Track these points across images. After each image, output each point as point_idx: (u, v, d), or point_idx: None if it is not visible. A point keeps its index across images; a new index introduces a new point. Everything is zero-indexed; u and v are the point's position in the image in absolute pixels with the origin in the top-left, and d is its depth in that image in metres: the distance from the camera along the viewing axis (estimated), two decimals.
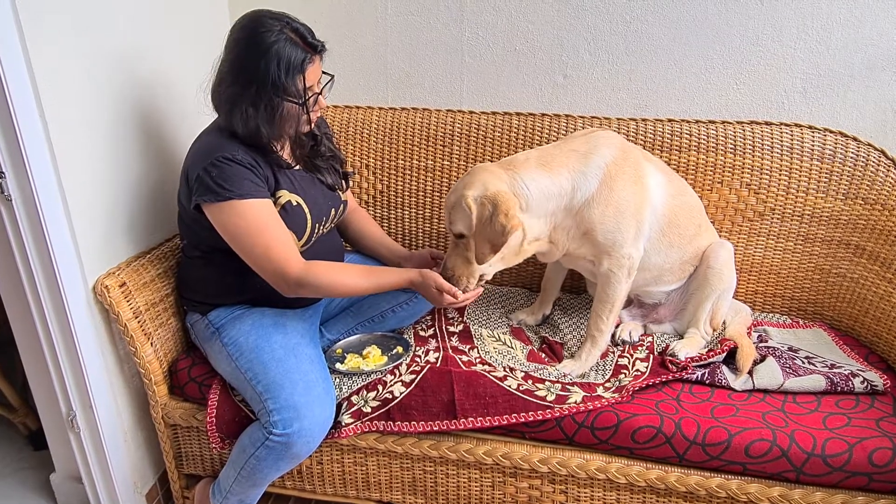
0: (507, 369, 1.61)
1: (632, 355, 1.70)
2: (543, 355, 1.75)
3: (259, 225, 1.42)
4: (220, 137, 1.48)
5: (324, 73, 1.51)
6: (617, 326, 1.85)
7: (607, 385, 1.57)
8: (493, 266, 1.62)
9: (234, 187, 1.41)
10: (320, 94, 1.50)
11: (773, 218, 1.91)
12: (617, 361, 1.68)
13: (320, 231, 1.63)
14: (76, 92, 1.50)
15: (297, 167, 1.62)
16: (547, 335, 1.86)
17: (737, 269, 1.94)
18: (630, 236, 1.63)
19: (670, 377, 1.59)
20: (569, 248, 1.67)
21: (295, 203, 1.53)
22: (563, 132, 1.96)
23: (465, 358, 1.65)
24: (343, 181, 1.75)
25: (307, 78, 1.43)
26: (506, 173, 1.56)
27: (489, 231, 1.51)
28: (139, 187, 1.72)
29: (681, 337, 1.79)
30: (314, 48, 1.44)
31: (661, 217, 1.68)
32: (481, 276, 1.63)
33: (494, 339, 1.78)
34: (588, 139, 1.66)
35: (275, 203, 1.50)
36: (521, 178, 1.56)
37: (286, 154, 1.61)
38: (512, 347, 1.75)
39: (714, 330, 1.77)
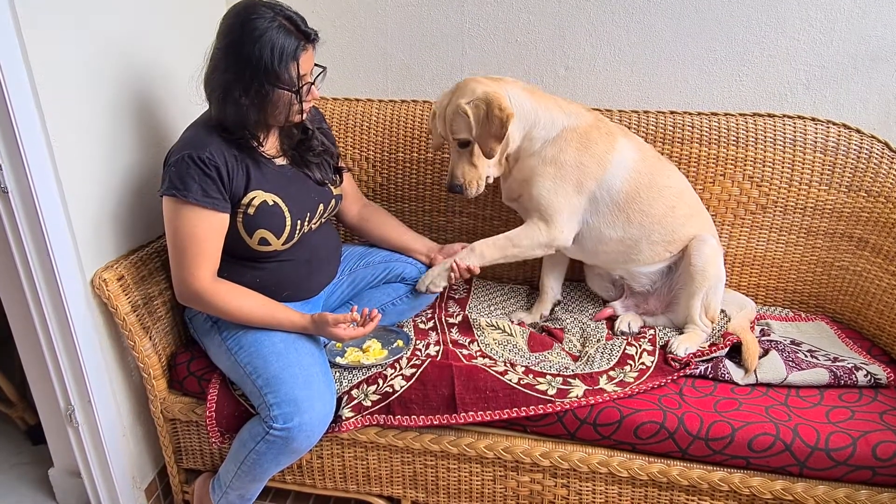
0: (508, 363, 1.60)
1: (639, 345, 1.69)
2: (544, 332, 1.78)
3: (188, 231, 1.44)
4: (201, 132, 1.48)
5: (316, 64, 1.50)
6: (615, 318, 1.84)
7: (611, 374, 1.56)
8: (492, 168, 1.74)
9: (183, 188, 1.42)
10: (313, 83, 1.49)
11: (775, 211, 1.90)
12: (624, 350, 1.67)
13: (306, 228, 1.61)
14: (74, 84, 1.48)
15: (283, 161, 1.61)
16: (547, 324, 1.85)
17: (739, 263, 1.94)
18: (564, 206, 1.70)
19: (674, 376, 1.58)
20: (514, 188, 1.78)
21: (271, 202, 1.52)
22: None
23: (465, 352, 1.64)
24: (336, 176, 1.73)
25: (301, 66, 1.43)
26: (493, 83, 1.67)
27: (489, 127, 1.61)
28: (137, 180, 1.70)
29: (680, 331, 1.78)
30: (307, 36, 1.43)
31: (618, 192, 1.71)
32: (487, 177, 1.74)
33: (494, 328, 1.77)
34: (574, 105, 1.77)
35: (248, 204, 1.49)
36: (507, 89, 1.66)
37: (272, 147, 1.59)
38: (512, 335, 1.75)
39: (712, 322, 1.76)
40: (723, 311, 1.81)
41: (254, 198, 1.50)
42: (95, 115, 1.55)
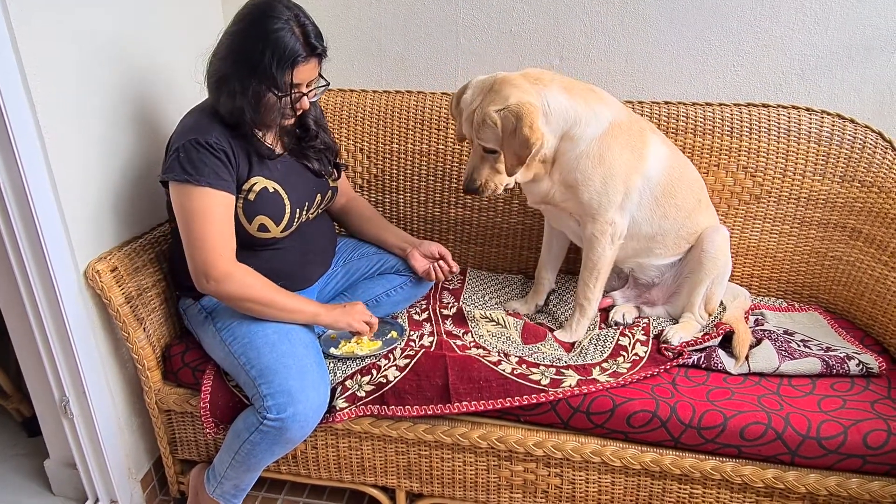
0: (502, 354, 1.60)
1: (633, 335, 1.69)
2: (538, 325, 1.78)
3: (205, 214, 1.43)
4: (203, 118, 1.48)
5: (320, 76, 1.49)
6: (610, 309, 1.85)
7: (604, 366, 1.57)
8: (517, 175, 1.62)
9: (195, 172, 1.41)
10: (305, 95, 1.48)
11: (769, 201, 1.90)
12: (617, 341, 1.68)
13: (304, 217, 1.62)
14: (65, 75, 1.47)
15: (283, 152, 1.61)
16: (544, 322, 1.86)
17: (733, 253, 1.94)
18: (616, 202, 1.64)
19: (668, 366, 1.58)
20: (553, 193, 1.68)
21: (272, 189, 1.52)
22: None
23: (459, 342, 1.65)
24: (335, 170, 1.74)
25: (295, 76, 1.41)
26: (532, 87, 1.55)
27: (515, 143, 1.51)
28: (130, 171, 1.70)
29: (675, 321, 1.79)
30: (313, 49, 1.42)
31: (656, 186, 1.68)
32: (507, 183, 1.64)
33: (488, 320, 1.78)
34: (603, 92, 1.68)
35: (249, 190, 1.49)
36: (545, 94, 1.55)
37: (272, 139, 1.59)
38: (505, 327, 1.75)
39: (709, 315, 1.77)
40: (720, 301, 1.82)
41: (255, 184, 1.50)
42: (88, 106, 1.55)
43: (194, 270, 1.47)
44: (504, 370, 1.52)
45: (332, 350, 1.62)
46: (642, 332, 1.71)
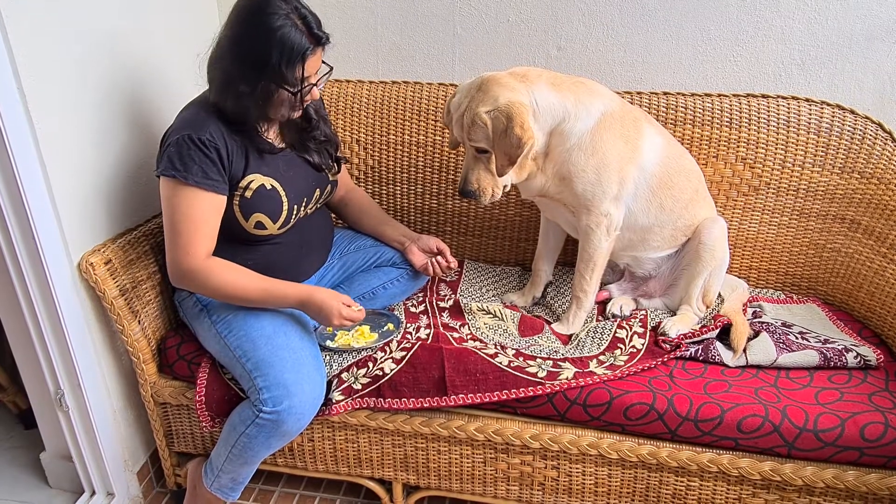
0: (499, 346, 1.60)
1: (630, 327, 1.69)
2: (535, 317, 1.78)
3: (185, 211, 1.42)
4: (200, 112, 1.46)
5: (323, 62, 1.48)
6: (607, 301, 1.84)
7: (601, 358, 1.56)
8: (512, 175, 1.61)
9: (184, 169, 1.40)
10: (316, 85, 1.47)
11: (768, 192, 1.89)
12: (615, 333, 1.67)
13: (302, 213, 1.61)
14: (58, 70, 1.46)
15: (282, 144, 1.59)
16: (541, 314, 1.85)
17: (731, 245, 1.93)
18: (610, 193, 1.63)
19: (665, 358, 1.58)
20: (547, 187, 1.66)
21: (269, 186, 1.51)
22: None
23: (455, 335, 1.64)
24: (335, 164, 1.72)
25: (306, 68, 1.40)
26: (520, 85, 1.54)
27: (505, 143, 1.50)
28: (124, 163, 1.68)
29: (673, 314, 1.78)
30: (318, 39, 1.40)
31: (652, 177, 1.67)
32: (504, 185, 1.63)
33: (484, 312, 1.77)
34: (595, 83, 1.66)
35: (245, 187, 1.48)
36: (533, 91, 1.54)
37: (273, 134, 1.58)
38: (502, 319, 1.75)
39: (707, 307, 1.76)
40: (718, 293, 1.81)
41: (252, 181, 1.49)
42: (81, 100, 1.53)
43: (168, 264, 1.48)
44: (501, 363, 1.52)
45: (328, 342, 1.61)
46: (640, 325, 1.70)
